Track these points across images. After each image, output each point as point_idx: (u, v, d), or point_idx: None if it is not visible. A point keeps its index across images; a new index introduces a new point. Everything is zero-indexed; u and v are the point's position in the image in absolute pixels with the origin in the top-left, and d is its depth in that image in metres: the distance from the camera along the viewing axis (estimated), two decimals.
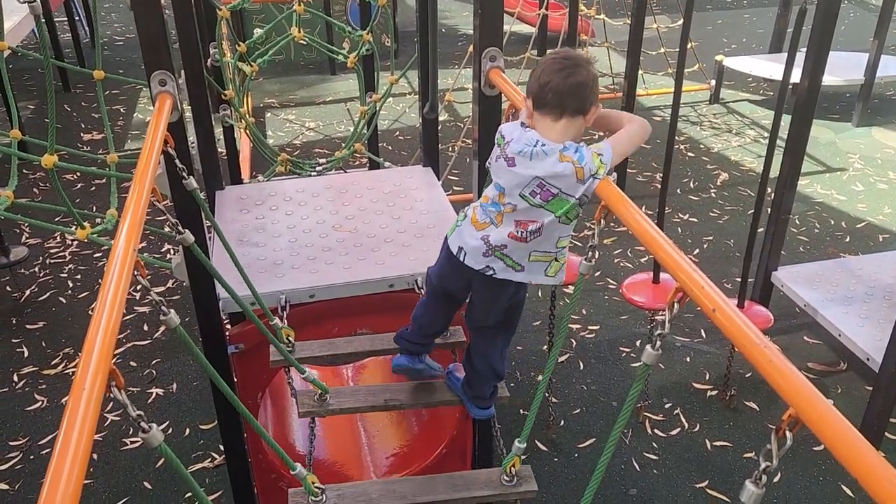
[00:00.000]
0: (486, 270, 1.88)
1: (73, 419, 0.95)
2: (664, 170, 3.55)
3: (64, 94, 7.88)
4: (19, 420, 3.73)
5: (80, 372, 1.02)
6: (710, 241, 5.27)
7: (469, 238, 1.89)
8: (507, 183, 1.79)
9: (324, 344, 2.50)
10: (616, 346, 4.25)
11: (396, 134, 7.01)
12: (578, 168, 1.71)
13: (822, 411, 0.98)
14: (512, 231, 1.81)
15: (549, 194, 1.74)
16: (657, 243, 1.36)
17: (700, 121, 7.34)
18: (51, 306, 4.59)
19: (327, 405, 2.23)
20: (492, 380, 2.19)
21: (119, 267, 1.24)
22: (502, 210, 1.83)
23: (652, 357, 1.39)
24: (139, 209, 1.45)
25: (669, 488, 3.35)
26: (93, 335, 1.08)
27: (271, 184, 3.40)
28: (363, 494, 1.96)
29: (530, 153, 1.75)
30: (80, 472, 0.91)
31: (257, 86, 8.24)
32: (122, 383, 1.12)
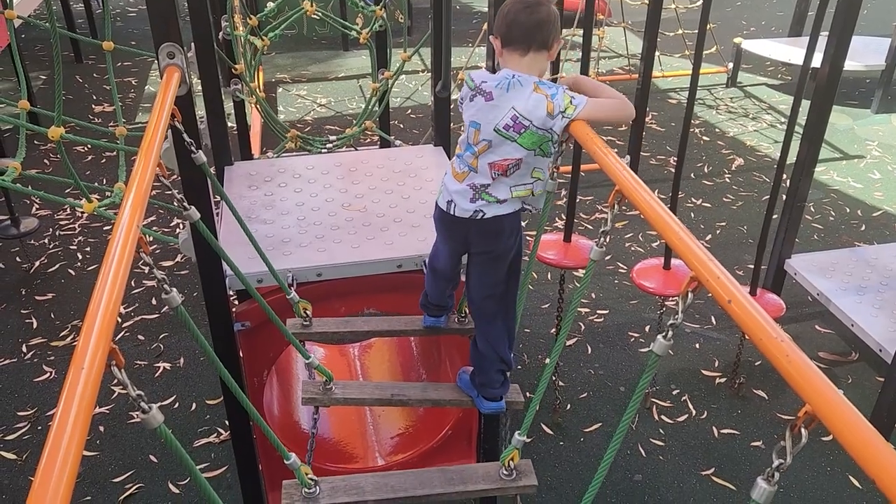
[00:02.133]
0: (476, 215, 1.95)
1: (71, 400, 0.92)
2: (679, 154, 3.49)
3: (75, 65, 7.85)
4: (27, 391, 3.75)
5: (79, 351, 0.99)
6: (723, 226, 5.21)
7: (455, 189, 1.97)
8: (484, 118, 1.89)
9: (341, 321, 2.48)
10: (625, 331, 4.22)
11: (408, 112, 6.95)
12: (549, 102, 1.82)
13: (839, 409, 0.94)
14: (493, 174, 1.91)
15: (521, 127, 1.85)
16: (671, 229, 1.32)
17: (716, 104, 7.24)
18: (60, 278, 4.60)
19: (332, 394, 2.20)
20: (497, 364, 2.18)
21: (122, 243, 1.21)
22: (476, 151, 1.92)
23: (663, 347, 1.36)
24: (144, 184, 1.42)
25: (675, 475, 3.33)
26: (93, 313, 1.06)
27: (281, 160, 3.37)
28: (356, 487, 1.92)
29: (507, 85, 1.86)
30: (77, 453, 0.89)
31: (269, 60, 8.18)
32: (123, 362, 1.10)
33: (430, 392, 2.29)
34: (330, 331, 2.39)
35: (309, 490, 1.87)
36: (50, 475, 0.83)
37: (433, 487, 1.97)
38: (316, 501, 1.87)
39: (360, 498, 1.91)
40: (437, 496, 1.99)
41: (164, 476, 3.30)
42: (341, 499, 1.89)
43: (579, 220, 5.20)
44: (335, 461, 3.03)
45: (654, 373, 1.43)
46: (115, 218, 3.26)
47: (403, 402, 2.26)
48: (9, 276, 4.62)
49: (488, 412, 2.28)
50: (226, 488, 3.25)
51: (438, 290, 2.30)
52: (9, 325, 4.19)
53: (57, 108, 2.39)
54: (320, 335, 2.40)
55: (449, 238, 2.10)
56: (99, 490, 3.23)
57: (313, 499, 1.87)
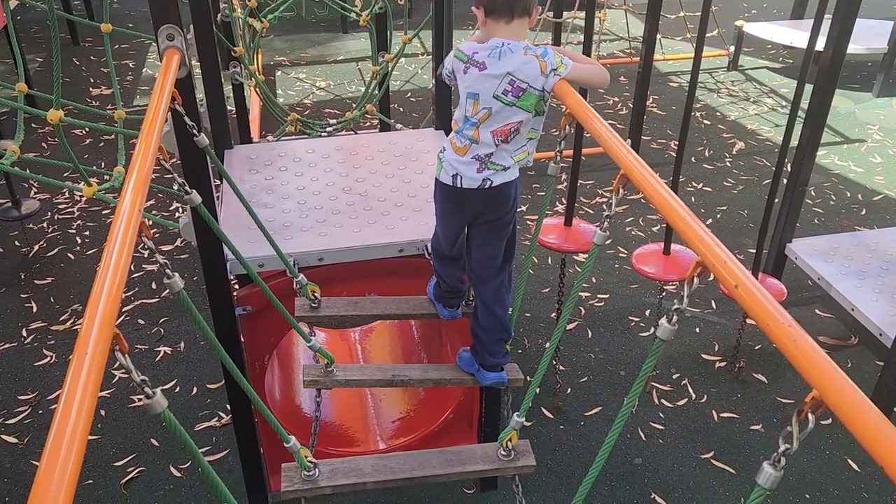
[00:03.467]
0: (484, 184, 2.02)
1: (76, 384, 0.92)
2: (680, 138, 3.47)
3: (72, 48, 7.79)
4: (28, 375, 3.75)
5: (83, 336, 0.99)
6: (724, 211, 5.20)
7: (458, 163, 2.04)
8: (481, 87, 1.96)
9: (349, 303, 2.48)
10: (625, 315, 4.22)
11: (408, 95, 6.91)
12: (542, 61, 1.93)
13: (846, 394, 0.94)
14: (494, 142, 1.98)
15: (518, 90, 1.94)
16: (676, 213, 1.31)
17: (717, 88, 7.20)
18: (59, 262, 4.59)
19: (333, 377, 2.20)
20: (499, 333, 2.25)
21: (123, 229, 1.20)
22: (476, 122, 1.98)
23: (667, 332, 1.36)
24: (145, 169, 1.41)
25: (675, 458, 3.34)
26: (96, 298, 1.06)
27: (281, 144, 3.35)
28: (355, 470, 1.93)
29: (499, 52, 1.95)
30: (83, 437, 0.88)
31: (267, 43, 8.12)
32: (126, 347, 1.10)
33: (430, 372, 2.30)
34: (339, 313, 2.39)
35: (308, 472, 1.88)
36: (55, 461, 0.82)
37: (432, 468, 1.99)
38: (315, 483, 1.87)
39: (360, 479, 1.92)
40: (435, 477, 2.01)
41: (166, 459, 3.31)
42: (341, 480, 1.90)
43: (580, 203, 5.18)
44: (336, 445, 3.04)
45: (657, 358, 1.43)
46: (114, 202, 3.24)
47: (405, 382, 2.26)
48: (8, 260, 4.60)
49: (491, 383, 2.31)
50: (227, 471, 3.26)
51: (450, 274, 2.33)
52: (8, 310, 4.19)
53: (56, 90, 2.37)
54: (329, 318, 2.39)
55: (454, 213, 2.13)
56: (101, 474, 3.24)
57: (313, 481, 1.88)
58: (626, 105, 6.68)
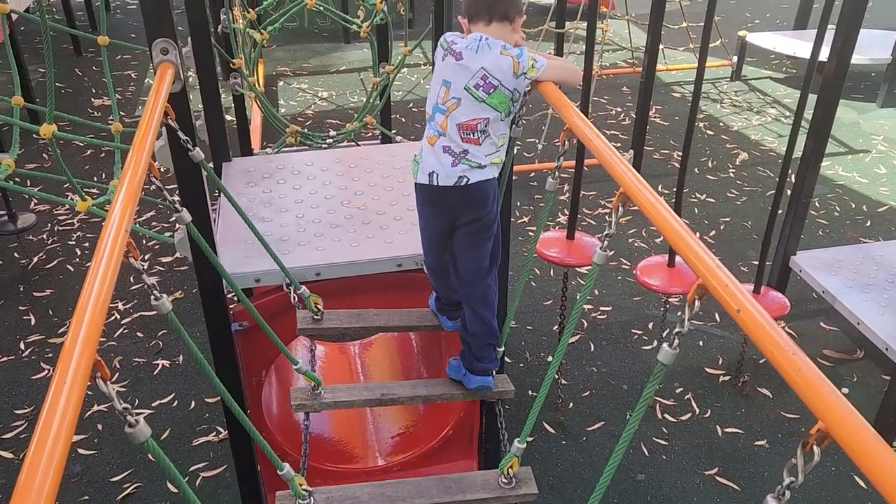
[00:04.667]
0: (461, 181, 2.01)
1: (52, 417, 0.89)
2: (684, 149, 3.44)
3: (75, 58, 7.80)
4: (25, 388, 3.72)
5: (62, 365, 0.96)
6: (727, 222, 5.16)
7: (433, 158, 2.03)
8: (454, 76, 2.00)
9: (353, 315, 2.45)
10: (628, 328, 4.18)
11: (410, 105, 6.89)
12: (515, 62, 1.97)
13: (854, 428, 0.90)
14: (462, 137, 1.99)
15: (490, 86, 1.97)
16: (677, 234, 1.28)
17: (720, 98, 7.17)
18: (58, 274, 4.56)
19: (321, 399, 2.17)
20: (487, 338, 2.25)
21: (109, 249, 1.17)
22: (445, 111, 2.01)
23: (669, 356, 1.32)
24: (134, 186, 1.38)
25: (678, 474, 3.30)
26: (77, 323, 1.02)
27: (280, 156, 3.32)
28: (352, 497, 1.89)
29: (476, 47, 1.99)
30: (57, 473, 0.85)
31: (269, 53, 8.13)
32: (108, 375, 1.06)
33: (419, 389, 2.26)
34: (342, 325, 2.35)
35: (303, 501, 1.83)
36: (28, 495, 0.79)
37: (430, 497, 1.94)
38: None
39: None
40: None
41: (163, 476, 3.27)
42: None
43: (582, 215, 5.15)
44: (334, 461, 3.00)
45: (659, 382, 1.39)
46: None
47: (394, 400, 2.23)
48: (6, 273, 4.58)
49: (476, 387, 2.28)
50: (224, 488, 3.22)
51: (444, 287, 2.32)
52: (6, 322, 4.16)
53: (49, 104, 2.34)
54: (332, 330, 2.36)
55: (434, 215, 2.13)
56: (97, 490, 3.20)
57: None
58: (628, 115, 6.65)
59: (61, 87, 7.02)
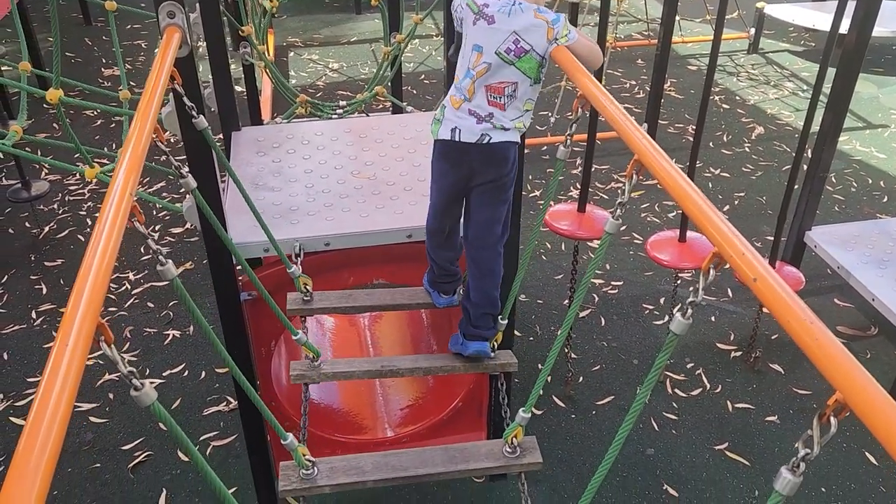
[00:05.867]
0: (482, 139, 2.01)
1: (53, 382, 0.87)
2: (698, 122, 3.38)
3: (84, 27, 7.76)
4: (37, 357, 3.74)
5: (63, 329, 0.94)
6: (742, 197, 5.10)
7: (455, 117, 2.03)
8: (486, 41, 1.97)
9: (343, 295, 2.43)
10: (639, 302, 4.15)
11: (421, 77, 6.82)
12: (550, 28, 1.95)
13: (873, 398, 0.88)
14: (489, 100, 1.99)
15: (521, 50, 1.95)
16: (692, 200, 1.24)
17: (737, 71, 7.05)
18: (69, 244, 4.57)
19: (320, 370, 2.16)
20: (487, 307, 2.25)
21: (114, 212, 1.15)
22: (473, 76, 1.99)
23: (682, 326, 1.29)
24: (139, 149, 1.36)
25: (688, 449, 3.28)
26: (80, 286, 1.01)
27: (289, 126, 3.29)
28: (355, 468, 1.88)
29: (509, 10, 1.96)
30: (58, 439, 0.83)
31: (280, 24, 8.06)
32: (111, 338, 1.05)
33: (420, 361, 2.26)
34: (331, 305, 2.34)
35: (307, 471, 1.83)
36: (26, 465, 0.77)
37: (435, 466, 1.93)
38: (314, 482, 1.83)
39: (360, 478, 1.87)
40: (438, 475, 1.95)
41: (174, 444, 3.29)
42: (340, 479, 1.85)
43: (594, 189, 5.10)
44: (343, 432, 3.00)
45: (671, 353, 1.36)
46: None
47: (394, 372, 2.22)
48: (18, 242, 4.60)
49: (472, 353, 2.26)
50: (234, 457, 3.24)
51: (443, 256, 2.30)
52: (18, 291, 4.18)
53: (55, 69, 2.31)
54: (321, 310, 2.35)
55: (449, 171, 2.11)
56: (108, 458, 3.23)
57: (311, 480, 1.83)
58: (643, 88, 6.56)
59: (71, 57, 6.99)
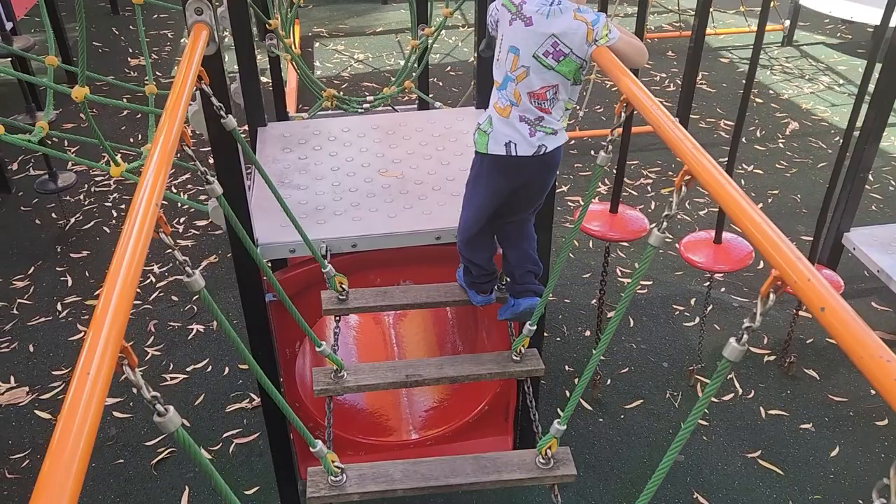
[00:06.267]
0: (540, 150, 1.95)
1: (74, 411, 0.82)
2: (737, 120, 3.27)
3: (112, 17, 7.75)
4: (62, 350, 3.74)
5: (86, 355, 0.89)
6: (776, 195, 4.97)
7: (508, 128, 1.95)
8: (524, 44, 1.88)
9: (378, 293, 2.38)
10: (669, 303, 4.06)
11: (448, 69, 6.73)
12: (589, 30, 1.84)
13: None
14: (535, 106, 1.92)
15: (560, 54, 1.86)
16: (753, 221, 1.16)
17: (770, 64, 6.88)
18: (95, 235, 4.57)
19: (344, 383, 2.11)
20: (532, 267, 2.25)
21: (137, 228, 1.10)
22: (514, 80, 1.91)
23: (736, 353, 1.22)
24: (165, 155, 1.31)
25: (719, 456, 3.20)
26: (104, 308, 0.95)
27: (316, 121, 3.23)
28: (385, 475, 1.83)
29: (547, 11, 1.86)
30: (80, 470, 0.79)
31: (306, 13, 8.00)
32: (136, 362, 1.00)
33: (446, 369, 2.19)
34: (367, 304, 2.29)
35: (335, 478, 1.78)
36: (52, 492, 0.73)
37: (465, 476, 1.88)
38: (343, 490, 1.78)
39: (389, 486, 1.82)
40: (469, 485, 1.90)
41: (197, 440, 3.22)
42: (369, 487, 1.80)
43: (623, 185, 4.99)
44: (367, 434, 2.96)
45: (723, 379, 1.29)
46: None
47: (419, 382, 2.16)
48: (45, 233, 4.60)
49: (527, 308, 2.23)
50: (257, 455, 3.22)
51: (482, 257, 2.25)
52: (44, 283, 4.18)
53: (81, 66, 2.27)
54: (357, 309, 2.29)
55: (506, 183, 2.06)
56: (132, 453, 3.22)
57: (340, 487, 1.79)
58: (673, 81, 6.42)
59: (98, 47, 6.98)
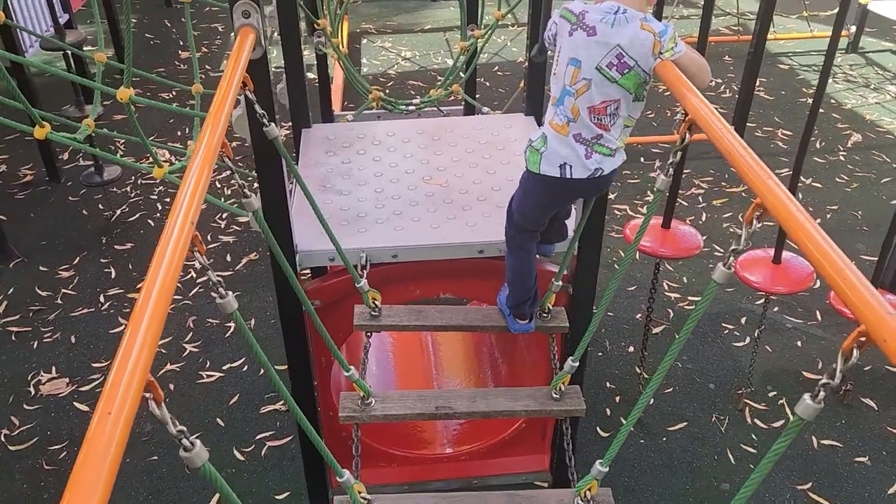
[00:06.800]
0: (596, 173, 1.86)
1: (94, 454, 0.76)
2: (804, 133, 3.12)
3: (165, 9, 7.83)
4: (103, 342, 3.76)
5: (108, 391, 0.83)
6: (835, 210, 4.76)
7: (564, 148, 1.86)
8: (586, 55, 1.78)
9: (412, 311, 2.31)
10: (718, 321, 3.91)
11: (496, 69, 6.63)
12: (657, 41, 1.73)
13: None
14: (594, 122, 1.82)
15: (625, 66, 1.75)
16: (834, 265, 1.04)
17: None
18: (139, 228, 4.60)
19: (370, 411, 2.04)
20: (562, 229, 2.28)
21: (171, 251, 1.04)
22: (574, 94, 1.81)
23: (810, 411, 1.11)
24: (203, 171, 1.25)
25: (767, 487, 3.06)
26: (130, 343, 0.89)
27: (360, 124, 3.17)
28: None
29: (612, 20, 1.75)
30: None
31: (355, 9, 7.97)
32: (161, 396, 0.94)
33: (479, 403, 2.10)
34: (400, 323, 2.21)
35: None
36: None
37: None
38: None
39: None
40: None
41: (230, 441, 3.25)
42: None
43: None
44: (400, 445, 2.90)
45: (792, 439, 1.19)
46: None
47: (449, 415, 2.09)
48: (91, 224, 4.64)
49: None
50: (289, 459, 3.18)
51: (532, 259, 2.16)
52: (88, 274, 4.21)
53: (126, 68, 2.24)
54: (389, 327, 2.22)
55: (559, 203, 2.04)
56: (165, 451, 3.21)
57: None
58: (729, 87, 6.21)
59: (150, 39, 7.05)
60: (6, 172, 5.07)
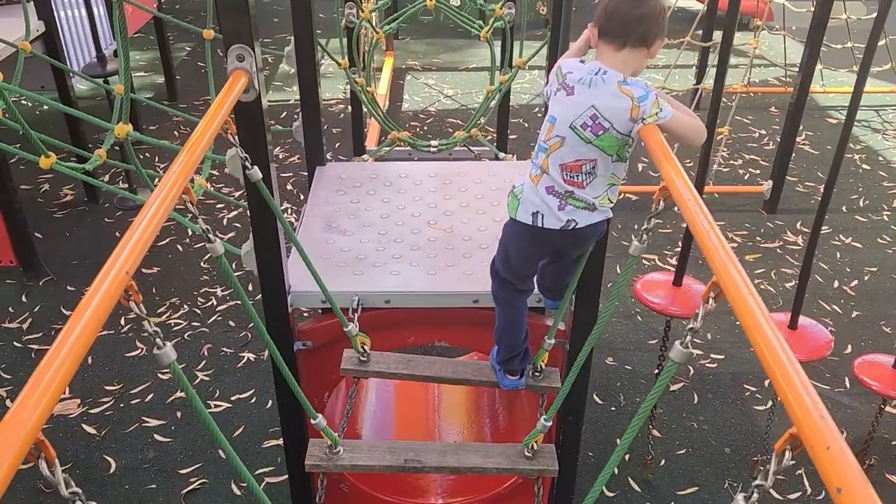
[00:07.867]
0: (569, 225, 1.84)
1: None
2: (828, 181, 3.00)
3: (219, 39, 8.07)
4: (118, 365, 3.82)
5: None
6: (874, 273, 4.56)
7: (536, 198, 1.84)
8: (561, 113, 1.77)
9: (402, 360, 2.27)
10: (740, 381, 3.76)
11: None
12: (635, 106, 1.68)
13: None
14: (565, 179, 1.79)
15: (599, 128, 1.72)
16: (780, 363, 0.98)
17: (884, 128, 6.40)
18: (167, 252, 4.69)
19: (338, 460, 2.00)
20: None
21: (95, 306, 1.03)
22: (547, 151, 1.80)
23: None
24: (153, 220, 1.25)
25: None
26: (27, 398, 0.88)
27: (375, 165, 3.19)
28: None
29: (590, 81, 1.73)
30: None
31: (403, 46, 8.10)
32: (54, 456, 0.92)
33: (449, 458, 2.05)
34: (388, 370, 2.18)
35: None
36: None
37: None
38: None
39: None
40: None
41: (230, 475, 3.24)
42: None
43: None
44: (390, 492, 2.83)
45: None
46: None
47: (418, 469, 2.03)
48: None
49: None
50: (286, 497, 3.12)
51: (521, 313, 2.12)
52: None
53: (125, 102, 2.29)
54: (376, 374, 2.19)
55: (535, 252, 1.98)
56: (165, 479, 3.21)
57: None
58: (773, 139, 6.06)
59: (201, 67, 7.28)
60: (48, 192, 5.25)
